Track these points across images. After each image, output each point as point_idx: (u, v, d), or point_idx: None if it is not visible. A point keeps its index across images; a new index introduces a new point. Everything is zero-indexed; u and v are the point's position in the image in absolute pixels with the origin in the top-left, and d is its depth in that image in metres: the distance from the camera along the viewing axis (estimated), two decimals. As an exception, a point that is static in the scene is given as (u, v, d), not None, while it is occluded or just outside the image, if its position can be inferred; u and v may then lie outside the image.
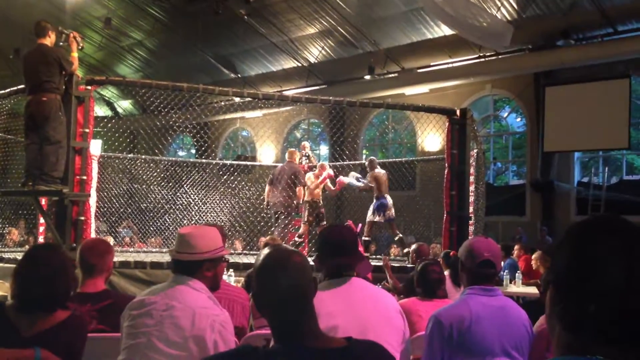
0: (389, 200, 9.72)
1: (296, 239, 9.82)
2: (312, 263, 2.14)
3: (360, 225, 5.89)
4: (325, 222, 9.91)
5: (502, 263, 9.29)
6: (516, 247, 10.37)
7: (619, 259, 1.04)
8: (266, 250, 1.75)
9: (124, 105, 24.78)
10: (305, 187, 9.73)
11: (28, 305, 2.52)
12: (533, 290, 8.08)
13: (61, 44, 6.67)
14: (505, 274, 8.79)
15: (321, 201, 10.13)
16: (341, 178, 10.18)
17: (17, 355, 2.26)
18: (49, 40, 6.47)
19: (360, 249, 5.27)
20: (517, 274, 8.73)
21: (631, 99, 14.33)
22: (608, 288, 1.04)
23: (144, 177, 12.36)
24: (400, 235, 10.09)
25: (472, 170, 8.08)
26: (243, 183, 12.52)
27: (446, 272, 5.23)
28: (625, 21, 14.28)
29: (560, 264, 1.12)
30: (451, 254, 6.22)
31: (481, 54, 16.04)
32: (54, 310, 2.53)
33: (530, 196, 16.81)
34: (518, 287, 8.48)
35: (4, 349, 2.32)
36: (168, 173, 12.61)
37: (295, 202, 9.64)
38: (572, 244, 1.11)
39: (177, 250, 2.66)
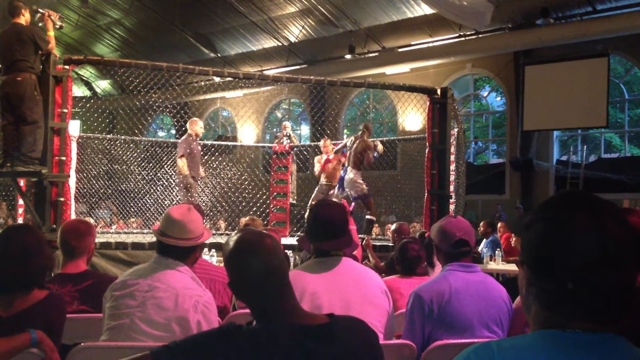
0: (349, 174, 9.26)
1: None
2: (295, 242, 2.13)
3: (353, 204, 5.75)
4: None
5: (485, 240, 9.38)
6: (500, 224, 10.42)
7: (591, 233, 1.05)
8: (234, 236, 1.72)
9: (103, 85, 24.46)
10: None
11: (3, 285, 2.50)
12: (513, 267, 8.16)
13: (40, 24, 6.55)
14: (485, 251, 8.86)
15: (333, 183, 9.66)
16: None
17: (15, 341, 2.24)
18: (24, 19, 6.34)
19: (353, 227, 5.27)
20: (497, 252, 8.81)
21: (610, 78, 14.44)
22: (584, 263, 1.04)
23: (124, 157, 12.26)
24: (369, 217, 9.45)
25: (452, 149, 8.08)
26: (224, 163, 12.47)
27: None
28: (604, 0, 14.34)
29: (532, 244, 1.12)
30: (426, 235, 6.27)
31: (461, 33, 16.04)
32: (30, 289, 2.51)
33: (509, 174, 16.96)
34: (498, 265, 8.56)
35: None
36: (148, 153, 12.50)
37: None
38: (543, 223, 1.11)
39: (171, 235, 2.60)
